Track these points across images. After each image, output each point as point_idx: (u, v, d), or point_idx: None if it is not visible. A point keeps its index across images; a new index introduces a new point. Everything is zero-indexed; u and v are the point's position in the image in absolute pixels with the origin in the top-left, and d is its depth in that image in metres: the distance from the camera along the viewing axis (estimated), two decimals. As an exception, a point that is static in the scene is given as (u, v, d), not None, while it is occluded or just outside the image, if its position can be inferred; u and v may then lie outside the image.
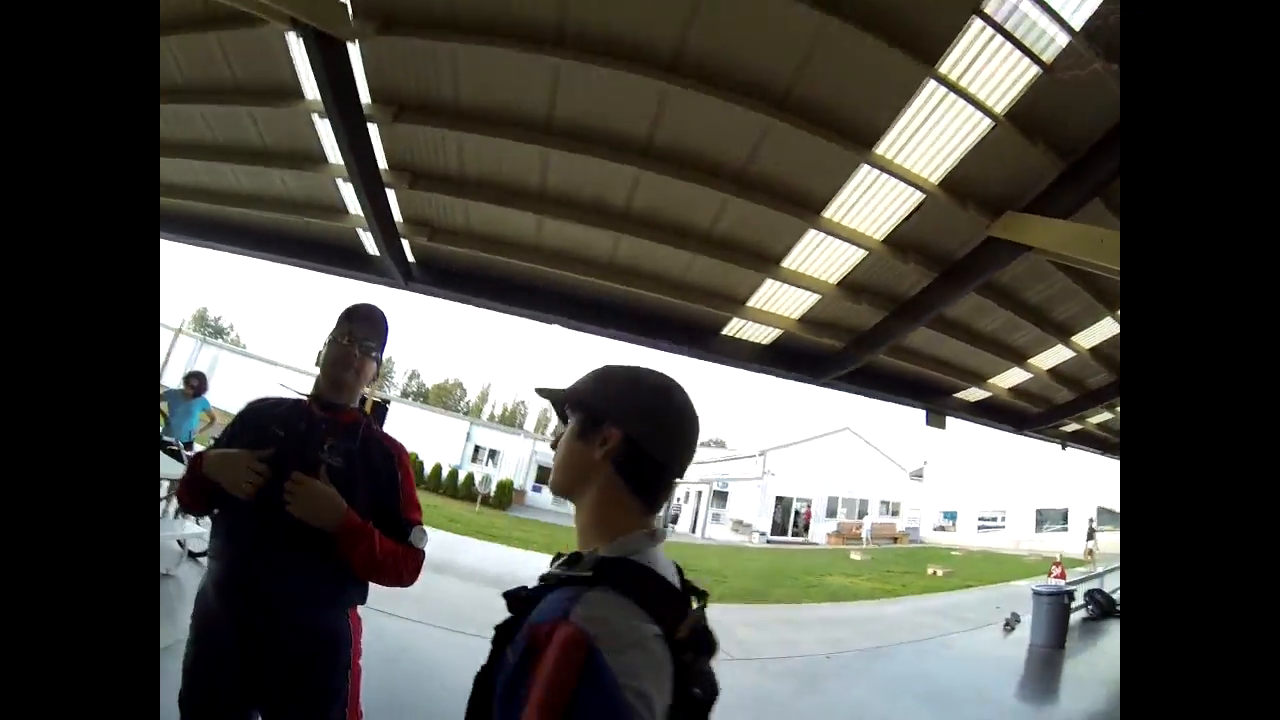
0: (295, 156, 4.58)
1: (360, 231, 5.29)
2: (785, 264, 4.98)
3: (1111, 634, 9.74)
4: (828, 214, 4.36)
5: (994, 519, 28.38)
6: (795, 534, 27.53)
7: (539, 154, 4.03)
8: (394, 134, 4.15)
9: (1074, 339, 6.98)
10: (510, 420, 67.86)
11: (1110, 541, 22.47)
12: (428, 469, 23.68)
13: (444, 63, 3.58)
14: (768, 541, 26.08)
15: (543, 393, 1.04)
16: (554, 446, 0.98)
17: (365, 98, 3.74)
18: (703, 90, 3.41)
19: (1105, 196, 4.05)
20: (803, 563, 18.29)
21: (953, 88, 3.35)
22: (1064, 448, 12.01)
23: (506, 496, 24.72)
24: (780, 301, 5.61)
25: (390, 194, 4.55)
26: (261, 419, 1.64)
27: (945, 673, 7.24)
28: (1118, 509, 24.43)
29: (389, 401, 27.56)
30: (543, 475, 28.78)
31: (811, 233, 4.53)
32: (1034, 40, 3.12)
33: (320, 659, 1.56)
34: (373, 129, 3.97)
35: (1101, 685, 7.03)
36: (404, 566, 1.60)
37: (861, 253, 4.77)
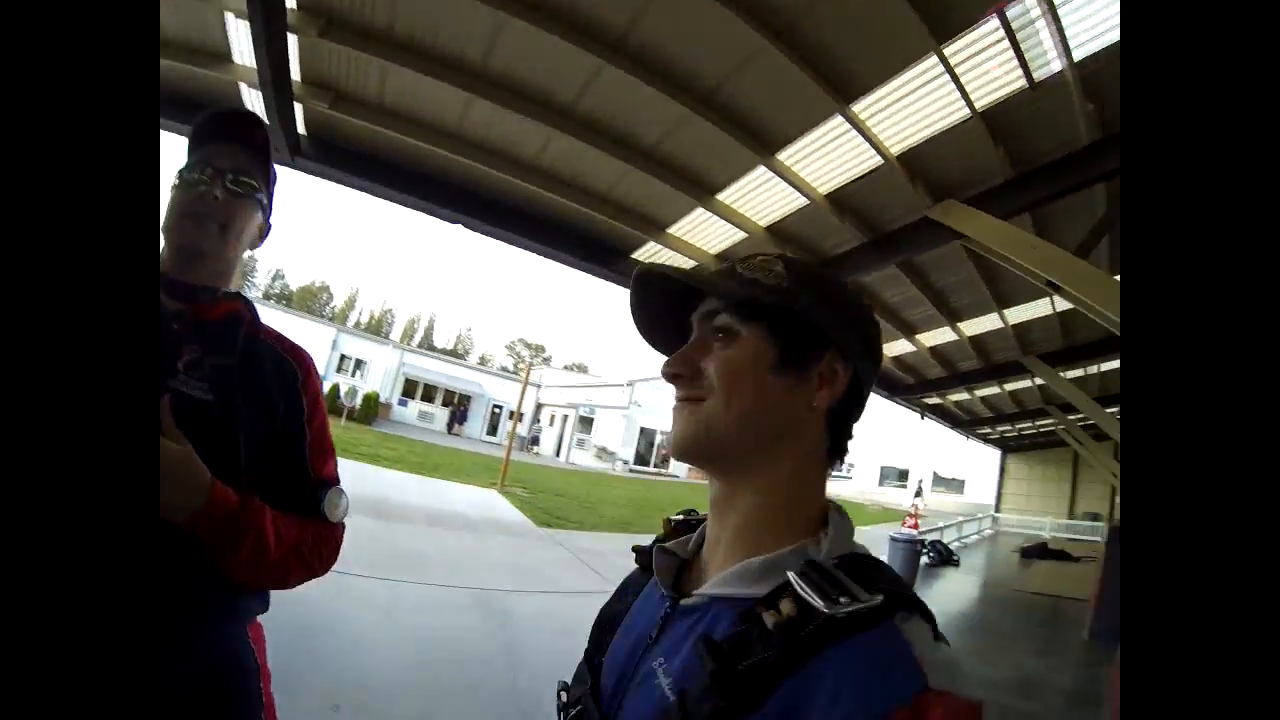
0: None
1: (245, 89, 4.22)
2: (721, 196, 4.78)
3: (947, 578, 11.26)
4: (783, 155, 4.18)
5: (841, 469, 31.69)
6: (656, 466, 28.58)
7: (491, 19, 3.34)
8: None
9: (960, 325, 7.63)
10: (377, 329, 63.82)
11: (938, 501, 26.68)
12: None
13: None
14: (631, 471, 26.94)
15: (710, 283, 0.66)
16: (675, 376, 0.65)
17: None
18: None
19: (1035, 214, 4.54)
20: (667, 494, 18.94)
21: (950, 71, 3.36)
22: (923, 417, 13.57)
23: (372, 410, 23.24)
24: (702, 233, 5.42)
25: (292, 41, 3.61)
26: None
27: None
28: (949, 476, 29.11)
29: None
30: (409, 389, 27.45)
31: (761, 170, 4.34)
32: (1033, 55, 3.28)
33: (218, 702, 0.97)
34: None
35: (941, 616, 8.06)
36: (315, 556, 1.05)
37: (801, 202, 4.70)
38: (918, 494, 23.54)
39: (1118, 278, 4.77)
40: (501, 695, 3.63)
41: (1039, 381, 9.50)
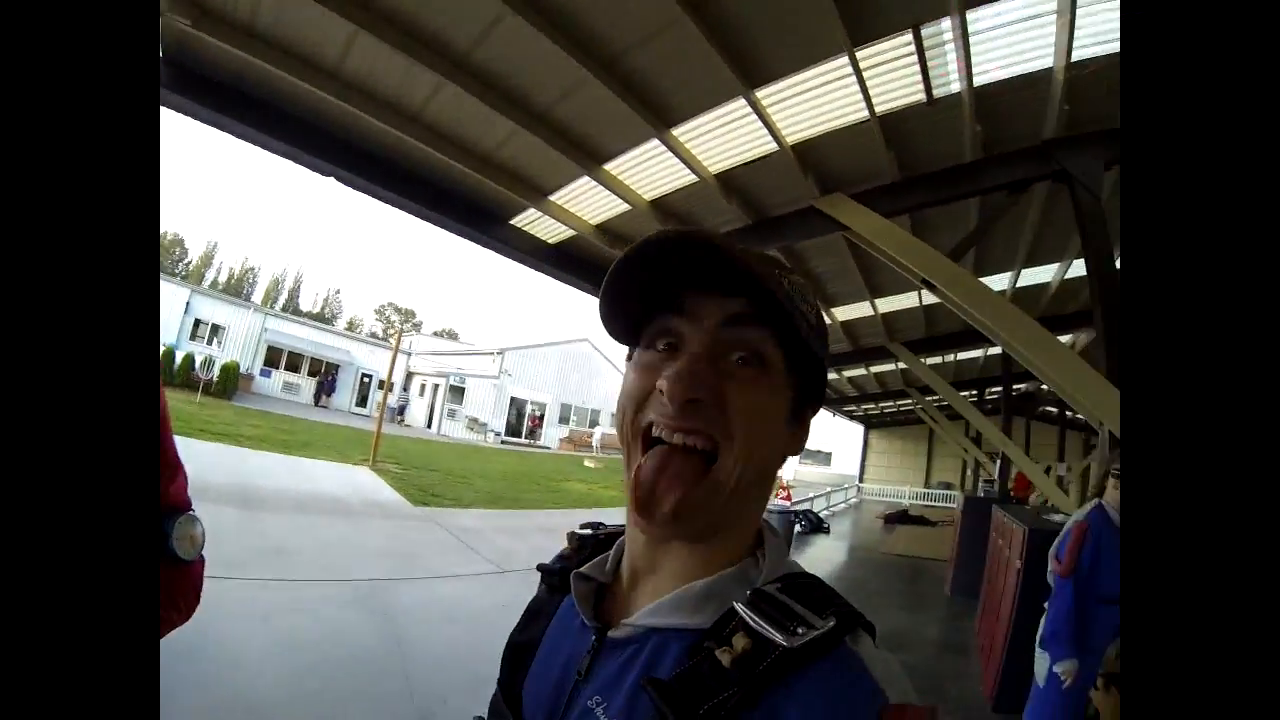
0: None
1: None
2: (609, 166, 4.66)
3: (819, 545, 11.99)
4: (679, 131, 4.13)
5: None
6: (527, 437, 28.36)
7: None
8: None
9: (834, 310, 8.09)
10: (237, 289, 57.45)
11: (807, 472, 28.84)
12: None
13: None
14: (503, 442, 26.55)
15: (780, 289, 0.52)
16: (694, 403, 0.51)
17: None
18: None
19: (914, 217, 4.95)
20: (540, 467, 18.79)
21: (858, 73, 3.48)
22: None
23: (231, 382, 20.59)
24: (585, 203, 5.28)
25: None
26: None
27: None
28: (817, 449, 31.49)
29: None
30: (272, 358, 25.05)
31: (654, 143, 4.26)
32: (936, 74, 3.49)
33: None
34: None
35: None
36: (169, 607, 0.90)
37: (690, 179, 4.71)
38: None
39: (982, 280, 5.24)
40: (397, 695, 3.43)
41: (901, 365, 10.32)
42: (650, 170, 4.70)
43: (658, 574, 0.56)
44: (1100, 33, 3.16)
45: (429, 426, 27.40)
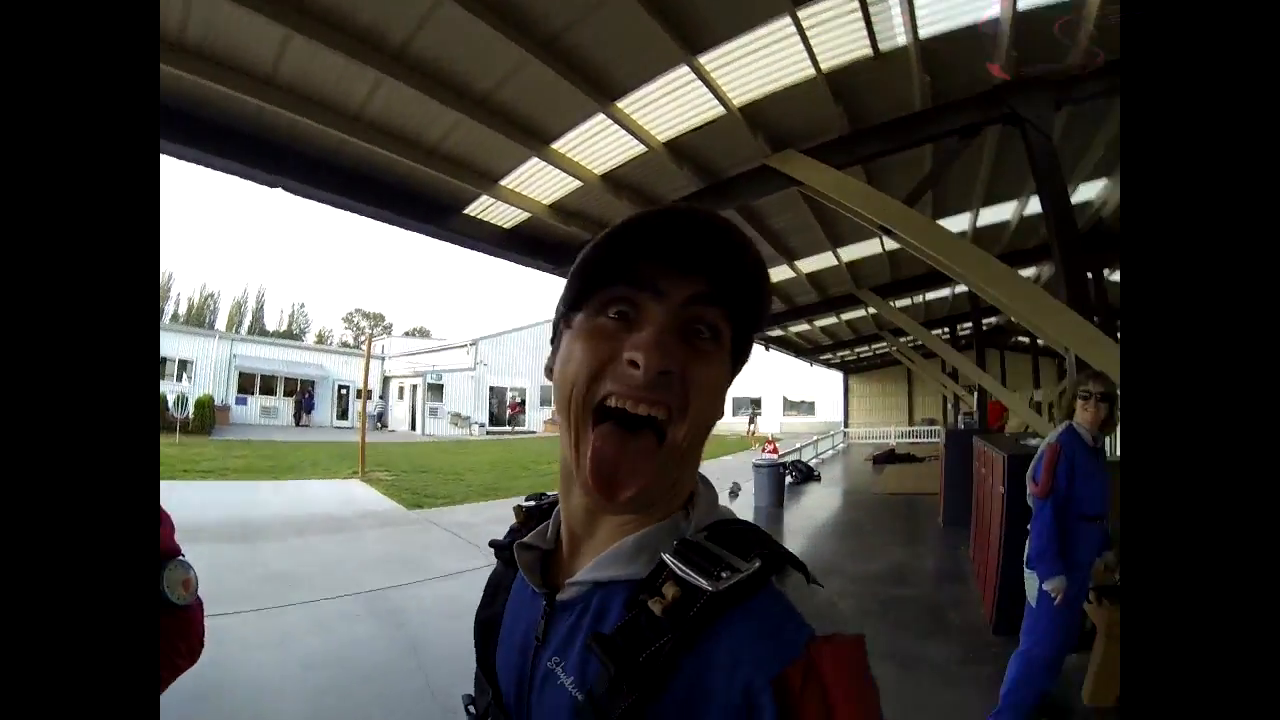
0: None
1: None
2: (556, 145, 4.61)
3: (812, 492, 12.04)
4: (623, 104, 4.10)
5: None
6: (511, 424, 28.39)
7: None
8: None
9: (797, 263, 8.15)
10: (199, 318, 55.82)
11: (792, 423, 29.34)
12: None
13: None
14: (488, 433, 26.55)
15: (762, 282, 0.57)
16: (664, 375, 0.52)
17: None
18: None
19: (867, 167, 5.02)
20: (527, 451, 18.75)
21: (800, 32, 3.47)
22: (768, 349, 14.58)
23: (208, 417, 19.91)
24: (536, 184, 5.24)
25: None
26: None
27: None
28: (800, 400, 31.87)
29: None
30: (245, 383, 24.47)
31: (599, 118, 4.22)
32: (881, 27, 3.48)
33: None
34: None
35: (814, 527, 8.82)
36: (172, 652, 0.92)
37: (640, 149, 4.68)
38: (751, 420, 25.58)
39: (939, 223, 5.31)
40: (417, 695, 3.47)
41: (872, 311, 10.46)
42: (599, 145, 4.66)
43: (595, 536, 0.58)
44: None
45: (413, 428, 27.16)
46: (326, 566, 6.07)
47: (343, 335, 66.74)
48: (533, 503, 0.73)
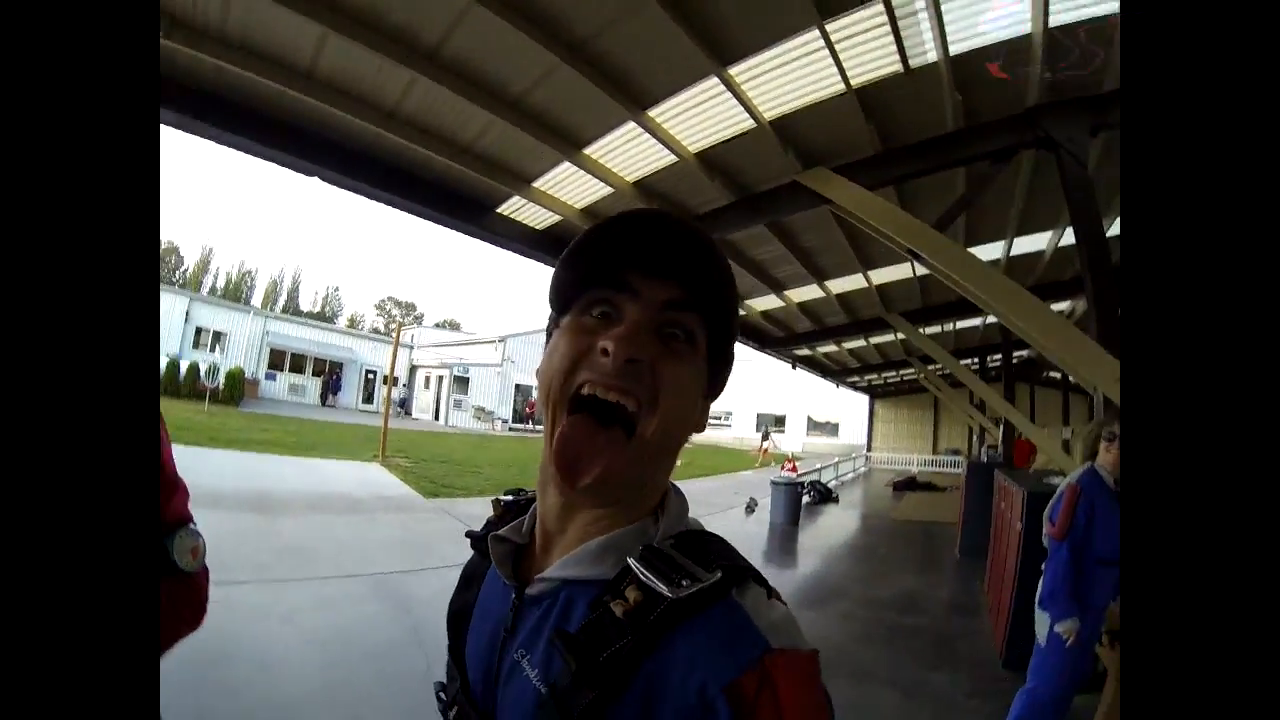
0: None
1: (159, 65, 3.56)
2: (589, 151, 4.65)
3: (829, 513, 11.94)
4: (654, 112, 4.12)
5: (719, 417, 33.39)
6: (536, 422, 28.47)
7: None
8: None
9: (827, 283, 8.07)
10: (236, 294, 57.40)
11: (814, 443, 29.04)
12: None
13: None
14: (510, 429, 26.75)
15: (727, 283, 0.60)
16: (632, 363, 0.54)
17: None
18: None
19: (899, 188, 4.92)
20: None
21: (830, 46, 3.44)
22: (794, 367, 14.45)
23: (237, 389, 20.60)
24: (569, 188, 5.29)
25: None
26: None
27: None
28: (824, 420, 31.55)
29: None
30: (276, 360, 25.15)
31: (631, 125, 4.25)
32: (912, 44, 3.44)
33: None
34: None
35: (827, 548, 8.73)
36: (175, 616, 0.92)
37: (671, 159, 4.70)
38: (765, 436, 25.33)
39: (971, 250, 5.21)
40: (417, 676, 3.50)
41: (901, 336, 10.30)
42: (631, 153, 4.69)
43: (566, 534, 0.60)
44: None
45: (436, 418, 27.52)
46: (339, 545, 6.18)
47: (374, 321, 68.15)
48: (511, 497, 0.75)
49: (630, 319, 0.55)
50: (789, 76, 3.74)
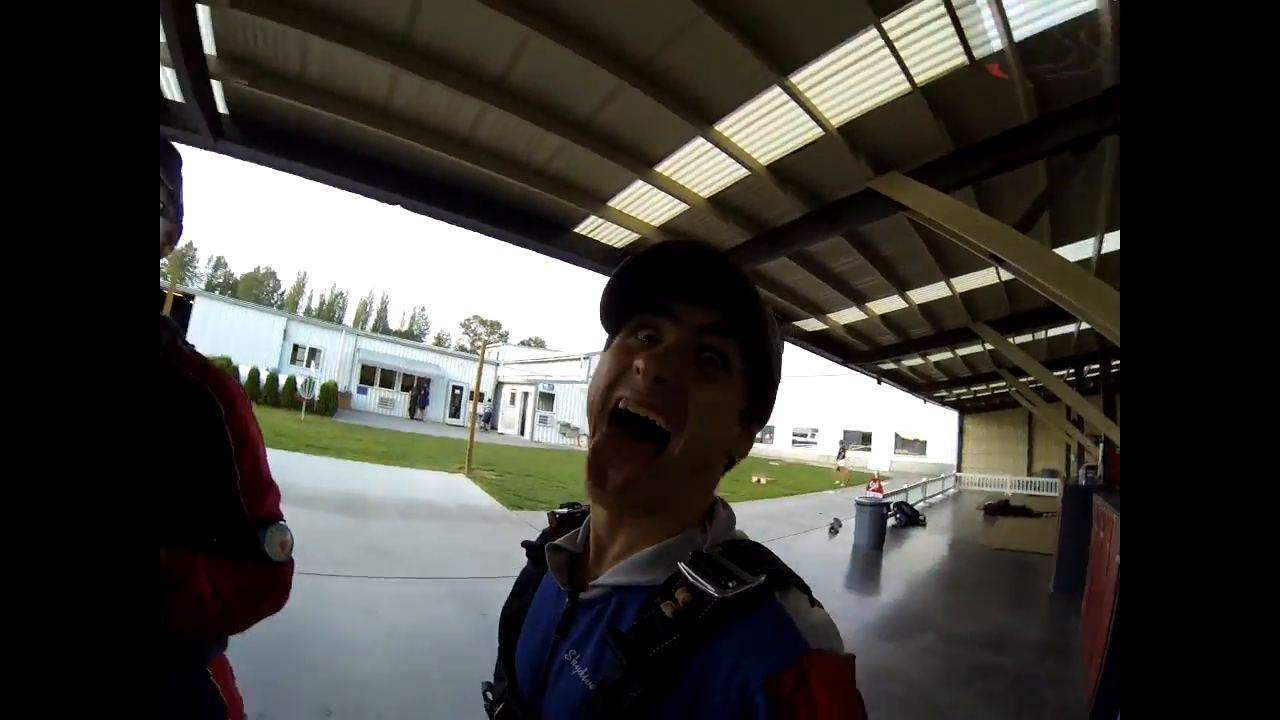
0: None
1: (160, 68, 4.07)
2: (660, 168, 4.71)
3: (915, 538, 11.49)
4: (721, 126, 4.14)
5: (805, 435, 32.43)
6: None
7: None
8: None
9: (909, 293, 7.78)
10: (329, 314, 62.00)
11: (902, 462, 27.79)
12: (244, 375, 20.50)
13: None
14: None
15: (756, 307, 0.61)
16: (659, 383, 0.58)
17: None
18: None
19: (979, 186, 4.61)
20: None
21: (889, 45, 3.35)
22: (879, 382, 13.89)
23: (331, 401, 22.41)
24: (644, 206, 5.37)
25: (202, 13, 3.39)
26: None
27: (787, 569, 8.24)
28: (911, 438, 30.19)
29: (193, 297, 23.42)
30: (367, 375, 26.85)
31: (699, 141, 4.29)
32: (974, 34, 3.30)
33: None
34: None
35: (912, 575, 8.36)
36: (261, 598, 1.03)
37: (742, 173, 4.68)
38: (841, 454, 24.30)
39: (1058, 251, 4.90)
40: (486, 677, 3.70)
41: (989, 346, 9.75)
42: (702, 168, 4.72)
43: (616, 544, 0.63)
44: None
45: (522, 433, 28.37)
46: (423, 549, 6.50)
47: (460, 339, 71.31)
48: (566, 510, 0.79)
49: (667, 341, 0.60)
50: (852, 80, 3.67)
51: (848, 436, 30.75)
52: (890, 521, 11.03)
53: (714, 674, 0.50)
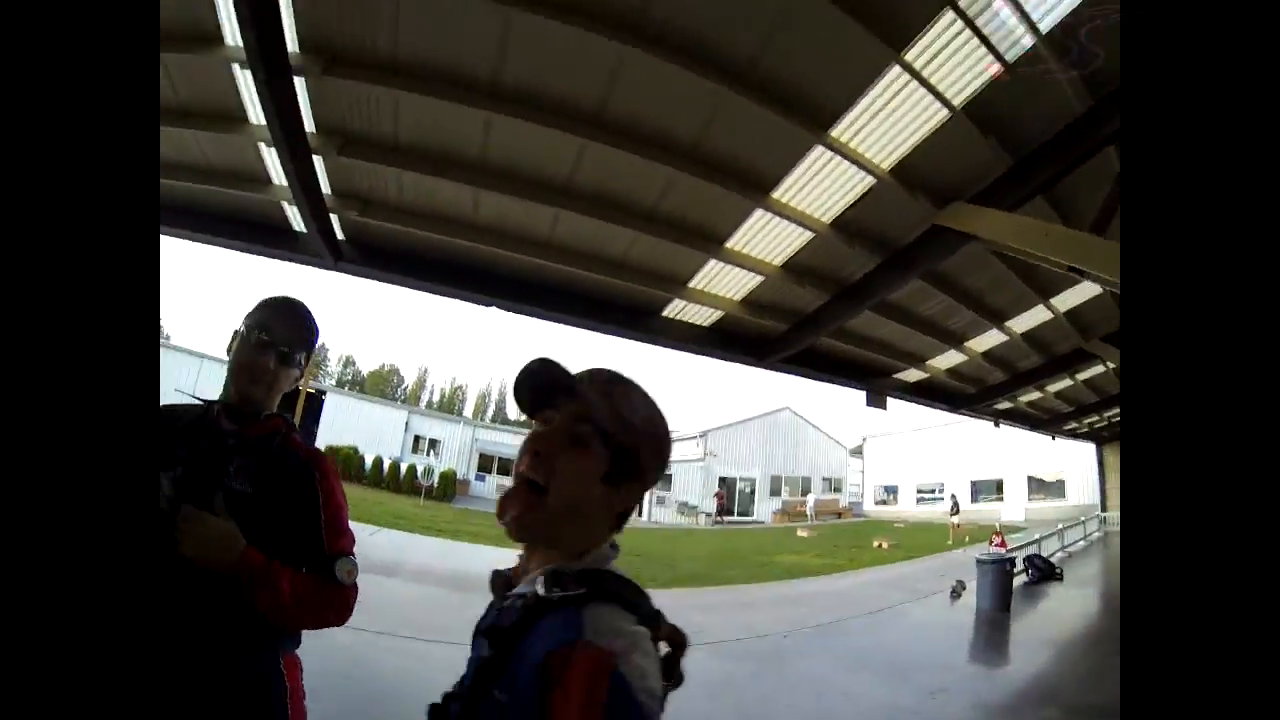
0: (213, 115, 4.01)
1: (286, 206, 4.81)
2: (729, 244, 4.93)
3: (1050, 596, 10.27)
4: (776, 194, 4.31)
5: (931, 490, 29.88)
6: (726, 515, 27.81)
7: (481, 119, 3.72)
8: (323, 89, 3.67)
9: (1007, 324, 7.32)
10: (449, 407, 66.20)
11: (1037, 508, 24.78)
12: (368, 462, 22.71)
13: (382, 8, 3.16)
14: (716, 522, 26.41)
15: (594, 404, 0.84)
16: (535, 453, 0.82)
17: (293, 45, 3.27)
18: (661, 58, 3.19)
19: (1049, 195, 4.29)
20: (751, 542, 18.52)
21: (916, 76, 3.37)
22: (997, 424, 12.78)
23: (450, 488, 23.93)
24: (722, 283, 5.57)
25: (318, 161, 4.09)
26: (163, 435, 1.32)
27: (901, 643, 7.40)
28: (1047, 479, 26.93)
29: (324, 392, 26.35)
30: (484, 464, 28.11)
31: (759, 212, 4.48)
32: (1000, 38, 3.21)
33: (248, 713, 1.30)
34: (300, 83, 3.47)
35: (1046, 644, 7.36)
36: (328, 608, 1.39)
37: (808, 235, 4.78)
38: (954, 511, 21.72)
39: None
40: None
41: (1111, 365, 8.94)
42: (769, 238, 4.89)
43: (531, 567, 0.84)
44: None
45: (640, 515, 28.12)
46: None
47: (576, 425, 73.65)
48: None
49: (547, 427, 0.83)
50: (890, 120, 3.68)
51: (976, 487, 28.09)
52: (1021, 579, 9.98)
53: (531, 647, 0.69)
